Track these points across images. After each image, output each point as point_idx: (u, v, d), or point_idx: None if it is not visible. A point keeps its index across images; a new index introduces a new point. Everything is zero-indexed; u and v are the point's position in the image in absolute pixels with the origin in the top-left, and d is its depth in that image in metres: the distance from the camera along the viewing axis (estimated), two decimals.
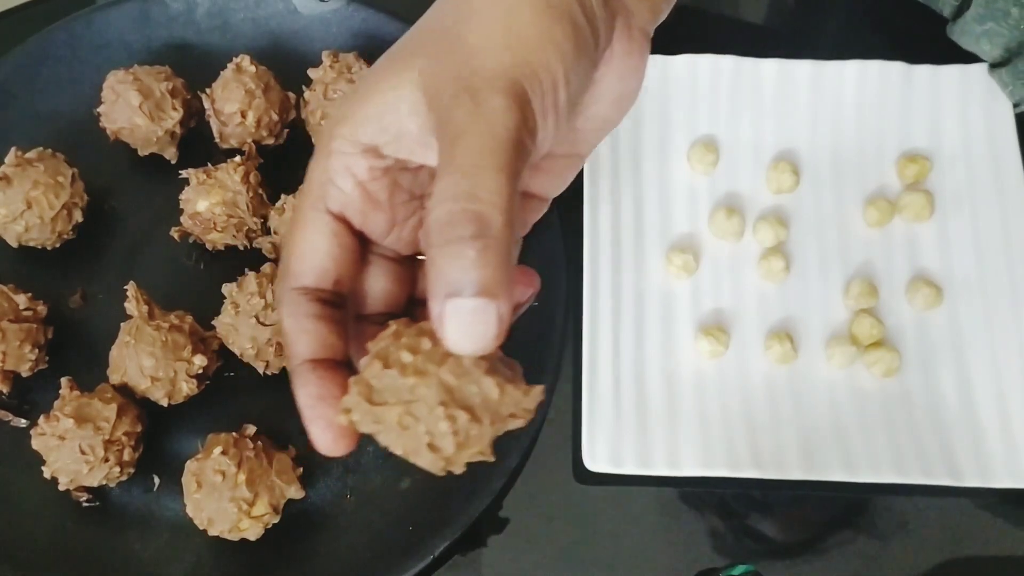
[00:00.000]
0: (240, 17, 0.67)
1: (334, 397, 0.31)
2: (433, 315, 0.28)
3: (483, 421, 0.29)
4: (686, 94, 0.65)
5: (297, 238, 0.34)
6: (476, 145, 0.29)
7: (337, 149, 0.33)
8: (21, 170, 0.59)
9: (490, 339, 0.28)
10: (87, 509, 0.56)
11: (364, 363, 0.31)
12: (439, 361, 0.29)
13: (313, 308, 0.33)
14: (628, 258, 0.61)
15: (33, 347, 0.57)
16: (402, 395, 0.29)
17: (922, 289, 0.60)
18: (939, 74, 0.66)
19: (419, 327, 0.30)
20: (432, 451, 0.29)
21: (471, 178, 0.28)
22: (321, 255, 0.33)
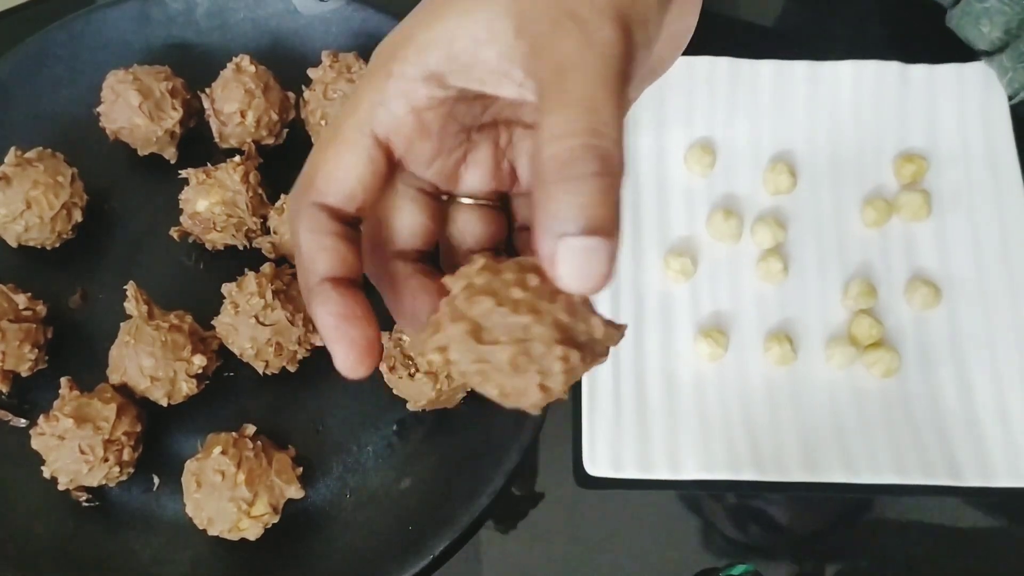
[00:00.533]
0: (240, 17, 0.67)
1: (357, 317, 0.31)
2: (543, 253, 0.27)
3: (587, 360, 0.29)
4: (683, 96, 0.65)
5: (330, 154, 0.32)
6: (591, 77, 0.28)
7: (398, 72, 0.31)
8: (21, 170, 0.59)
9: (604, 278, 0.27)
10: (87, 509, 0.56)
11: (457, 299, 0.29)
12: (550, 298, 0.28)
13: (334, 226, 0.32)
14: (626, 262, 0.61)
15: (33, 347, 0.57)
16: (515, 333, 0.28)
17: (920, 289, 0.60)
18: (935, 73, 0.66)
19: (518, 263, 0.29)
20: (542, 391, 0.28)
21: (591, 113, 0.27)
22: (353, 177, 0.32)
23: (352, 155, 0.32)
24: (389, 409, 0.58)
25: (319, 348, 0.58)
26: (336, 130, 0.32)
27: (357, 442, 0.57)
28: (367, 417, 0.58)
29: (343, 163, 0.32)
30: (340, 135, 0.32)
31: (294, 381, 0.58)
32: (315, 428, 0.58)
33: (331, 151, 0.32)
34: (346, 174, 0.32)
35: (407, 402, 0.56)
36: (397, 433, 0.58)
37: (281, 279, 0.56)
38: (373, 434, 0.58)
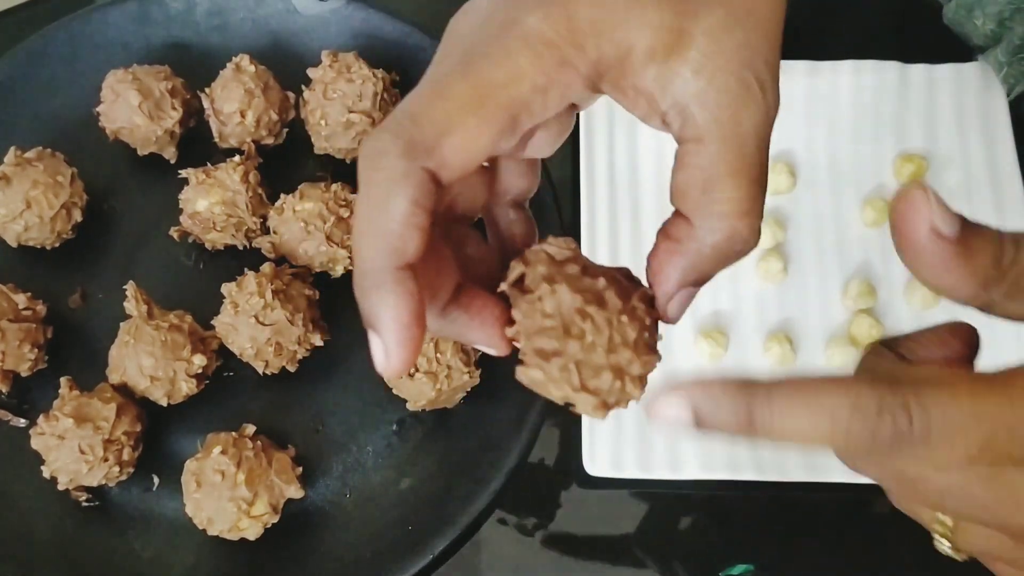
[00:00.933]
0: (239, 17, 0.67)
1: (422, 316, 0.28)
2: (663, 292, 0.31)
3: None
4: None
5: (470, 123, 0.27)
6: (763, 151, 0.29)
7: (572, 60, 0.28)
8: (20, 170, 0.59)
9: None
10: (87, 508, 0.56)
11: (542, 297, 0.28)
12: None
13: (432, 203, 0.27)
14: (626, 261, 0.61)
15: (32, 347, 0.57)
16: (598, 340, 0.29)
17: (920, 288, 0.60)
18: (935, 73, 0.66)
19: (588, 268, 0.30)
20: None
21: (759, 192, 0.29)
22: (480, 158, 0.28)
23: (491, 132, 0.28)
24: (389, 409, 0.58)
25: (319, 348, 0.58)
26: (480, 93, 0.27)
27: (357, 442, 0.57)
28: (367, 417, 0.58)
29: (482, 139, 0.27)
30: (487, 104, 0.27)
31: (294, 381, 0.58)
32: (315, 428, 0.58)
33: (472, 119, 0.27)
34: (476, 154, 0.28)
35: (407, 402, 0.56)
36: (397, 433, 0.58)
37: (281, 279, 0.56)
38: (373, 434, 0.58)
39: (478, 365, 0.55)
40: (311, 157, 0.64)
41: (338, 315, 0.60)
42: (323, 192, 0.59)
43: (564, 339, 0.28)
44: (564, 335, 0.28)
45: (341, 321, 0.60)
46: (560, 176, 0.63)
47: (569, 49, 0.27)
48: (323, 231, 0.58)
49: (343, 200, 0.59)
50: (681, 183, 0.30)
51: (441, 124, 0.27)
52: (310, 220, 0.58)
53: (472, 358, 0.55)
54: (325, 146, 0.63)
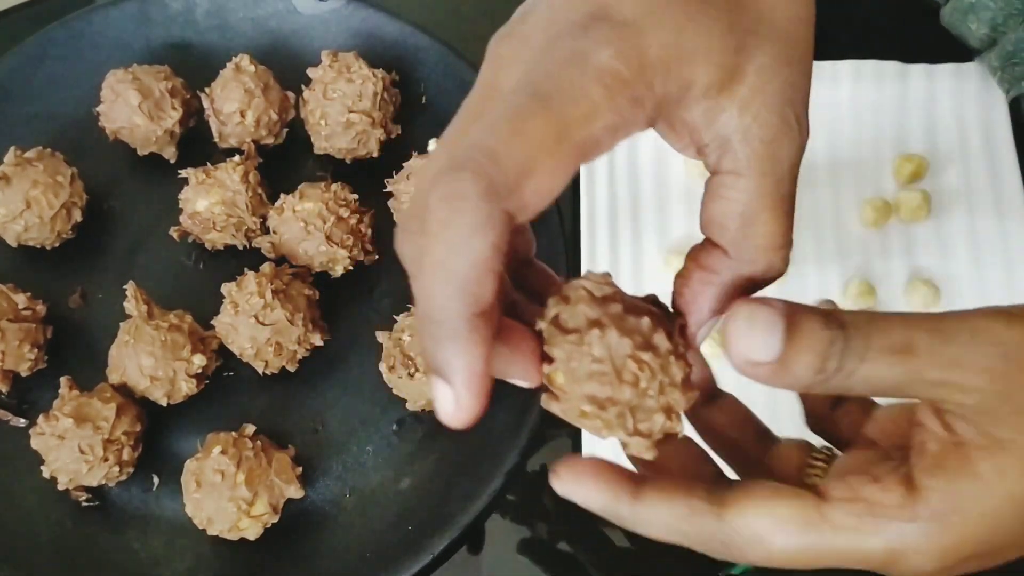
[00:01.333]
0: (239, 16, 0.67)
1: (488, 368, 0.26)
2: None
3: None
4: None
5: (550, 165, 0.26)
6: (791, 186, 0.30)
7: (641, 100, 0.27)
8: (20, 169, 0.59)
9: None
10: (86, 508, 0.56)
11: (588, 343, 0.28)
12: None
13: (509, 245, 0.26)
14: (626, 260, 0.61)
15: (32, 347, 0.57)
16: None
17: (920, 288, 0.60)
18: (934, 73, 0.66)
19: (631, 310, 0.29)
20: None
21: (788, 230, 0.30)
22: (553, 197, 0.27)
23: (567, 172, 0.26)
24: (389, 409, 0.58)
25: (319, 348, 0.58)
26: (559, 131, 0.26)
27: (357, 442, 0.57)
28: (367, 417, 0.58)
29: (558, 180, 0.26)
30: (564, 144, 0.26)
31: (294, 381, 0.58)
32: (315, 428, 0.58)
33: (551, 160, 0.26)
34: (552, 194, 0.26)
35: (407, 402, 0.56)
36: (397, 433, 0.58)
37: (281, 279, 0.56)
38: (373, 434, 0.58)
39: None
40: (311, 157, 0.64)
41: (338, 315, 0.60)
42: (323, 192, 0.59)
43: (618, 385, 0.28)
44: (617, 381, 0.28)
45: (341, 321, 0.60)
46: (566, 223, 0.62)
47: (640, 87, 0.27)
48: (323, 231, 0.58)
49: (343, 200, 0.59)
50: (718, 214, 0.30)
51: (523, 165, 0.25)
52: (310, 220, 0.58)
53: None
54: (325, 146, 0.63)
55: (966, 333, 0.26)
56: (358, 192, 0.60)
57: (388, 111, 0.62)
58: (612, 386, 0.28)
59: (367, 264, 0.61)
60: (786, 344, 0.26)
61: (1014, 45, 0.60)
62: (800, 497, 0.29)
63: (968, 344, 0.26)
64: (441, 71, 0.65)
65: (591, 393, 0.28)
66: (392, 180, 0.60)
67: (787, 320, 0.26)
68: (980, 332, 0.26)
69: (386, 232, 0.62)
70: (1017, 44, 0.60)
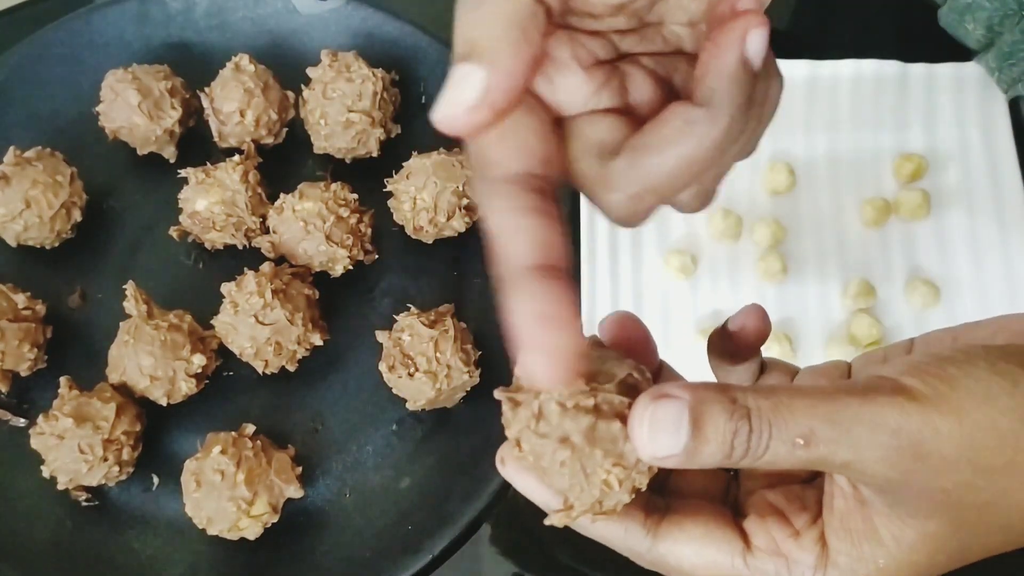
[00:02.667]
0: (239, 16, 0.67)
1: (560, 319, 0.27)
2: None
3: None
4: None
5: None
6: None
7: None
8: (20, 169, 0.59)
9: None
10: (86, 508, 0.56)
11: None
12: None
13: (530, 199, 0.28)
14: (626, 260, 0.61)
15: (32, 346, 0.57)
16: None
17: (920, 288, 0.60)
18: (934, 72, 0.66)
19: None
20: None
21: None
22: (531, 143, 0.29)
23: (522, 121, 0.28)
24: (388, 408, 0.58)
25: (318, 348, 0.58)
26: None
27: (357, 441, 0.57)
28: (367, 417, 0.58)
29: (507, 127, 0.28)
30: None
31: (294, 380, 0.58)
32: (314, 427, 0.58)
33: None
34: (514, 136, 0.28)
35: (407, 401, 0.56)
36: (397, 433, 0.58)
37: (280, 278, 0.56)
38: (373, 434, 0.58)
39: (478, 365, 0.55)
40: (311, 156, 0.64)
41: (338, 315, 0.60)
42: (323, 192, 0.59)
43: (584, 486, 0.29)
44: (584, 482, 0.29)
45: (341, 321, 0.60)
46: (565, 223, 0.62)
47: None
48: (323, 231, 0.58)
49: (342, 200, 0.59)
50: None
51: None
52: (310, 219, 0.58)
53: (472, 358, 0.55)
54: (324, 146, 0.63)
55: (865, 423, 0.27)
56: (358, 192, 0.60)
57: (388, 111, 0.62)
58: (578, 486, 0.29)
59: (367, 264, 0.61)
60: (692, 438, 0.27)
61: (1011, 46, 0.60)
62: (728, 543, 0.31)
63: (866, 435, 0.27)
64: (441, 71, 0.65)
65: (556, 486, 0.29)
66: (392, 180, 0.60)
67: (692, 414, 0.27)
68: (878, 423, 0.27)
69: (386, 232, 0.62)
70: (1014, 45, 0.60)
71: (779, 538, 0.30)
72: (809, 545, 0.30)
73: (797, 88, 0.65)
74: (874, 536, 0.29)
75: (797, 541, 0.30)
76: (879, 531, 0.29)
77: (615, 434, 0.28)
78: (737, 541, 0.31)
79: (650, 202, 0.31)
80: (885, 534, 0.29)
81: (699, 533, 0.31)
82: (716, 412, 0.27)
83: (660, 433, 0.27)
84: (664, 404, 0.27)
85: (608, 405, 0.28)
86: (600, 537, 0.32)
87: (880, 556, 0.29)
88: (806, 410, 0.27)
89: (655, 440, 0.27)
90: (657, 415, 0.27)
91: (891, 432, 0.27)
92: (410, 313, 0.56)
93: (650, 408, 0.27)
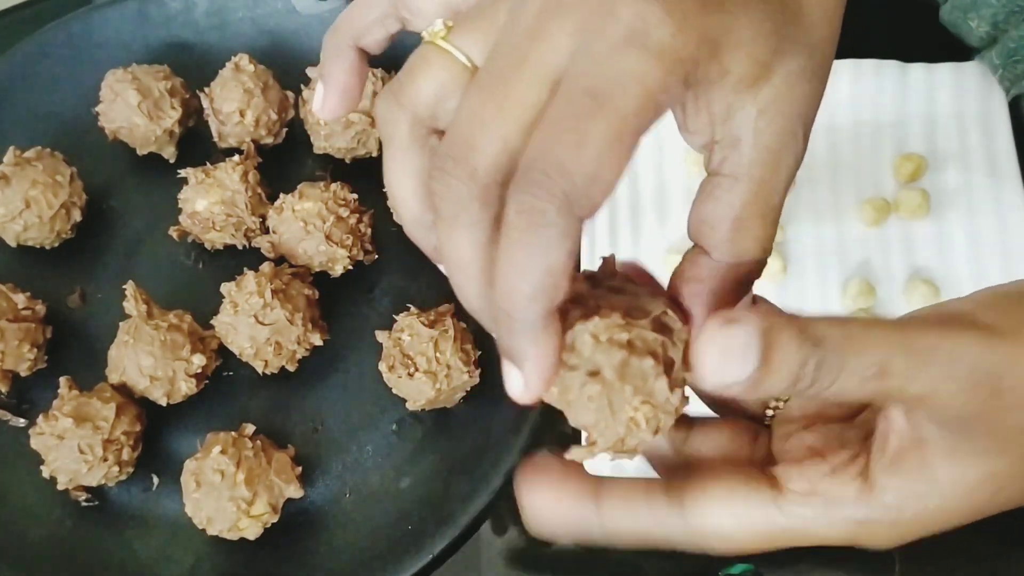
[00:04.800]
0: (239, 16, 0.67)
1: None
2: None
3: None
4: None
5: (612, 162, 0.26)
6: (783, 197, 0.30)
7: None
8: (20, 169, 0.59)
9: None
10: (86, 508, 0.56)
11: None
12: None
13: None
14: (625, 253, 0.61)
15: (32, 346, 0.57)
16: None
17: (920, 288, 0.60)
18: (934, 72, 0.66)
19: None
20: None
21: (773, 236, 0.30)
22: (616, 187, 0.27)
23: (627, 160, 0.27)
24: (388, 408, 0.58)
25: (318, 348, 0.58)
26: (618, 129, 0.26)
27: (356, 441, 0.57)
28: (366, 416, 0.58)
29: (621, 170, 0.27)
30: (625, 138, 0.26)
31: (293, 380, 0.58)
32: (314, 427, 0.58)
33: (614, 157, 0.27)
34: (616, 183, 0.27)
35: (407, 402, 0.56)
36: (396, 432, 0.58)
37: (280, 278, 0.56)
38: (372, 433, 0.58)
39: (478, 365, 0.55)
40: (310, 157, 0.64)
41: (337, 315, 0.60)
42: (322, 192, 0.59)
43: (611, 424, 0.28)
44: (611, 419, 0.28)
45: (341, 321, 0.60)
46: None
47: (690, 65, 0.27)
48: (322, 231, 0.58)
49: (342, 200, 0.59)
50: (709, 216, 0.29)
51: (592, 173, 0.26)
52: (309, 220, 0.58)
53: (472, 358, 0.55)
54: (324, 146, 0.63)
55: (943, 356, 0.26)
56: (358, 192, 0.60)
57: None
58: (603, 422, 0.28)
59: (367, 264, 0.61)
60: (760, 367, 0.26)
61: (1016, 43, 0.60)
62: (758, 492, 0.29)
63: (943, 367, 0.26)
64: None
65: (580, 421, 0.29)
66: None
67: (763, 341, 0.26)
68: (956, 356, 0.26)
69: (386, 232, 0.62)
70: (1020, 41, 0.60)
71: (814, 478, 0.29)
72: (848, 480, 0.29)
73: None
74: (930, 475, 0.28)
75: (835, 478, 0.29)
76: (936, 471, 0.28)
77: (646, 371, 0.28)
78: (766, 490, 0.29)
79: None
80: (942, 474, 0.28)
81: (726, 493, 0.29)
82: (786, 340, 0.26)
83: (729, 360, 0.26)
84: (734, 330, 0.26)
85: (642, 341, 0.28)
86: (632, 533, 0.31)
87: (934, 496, 0.28)
88: (881, 341, 0.26)
89: (722, 367, 0.26)
90: (727, 342, 0.26)
91: (970, 366, 0.26)
92: (410, 313, 0.56)
93: (720, 333, 0.26)
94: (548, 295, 0.27)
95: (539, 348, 0.27)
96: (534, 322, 0.27)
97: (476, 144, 0.28)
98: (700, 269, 0.30)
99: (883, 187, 0.64)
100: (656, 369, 0.28)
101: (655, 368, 0.28)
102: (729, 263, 0.29)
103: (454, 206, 0.29)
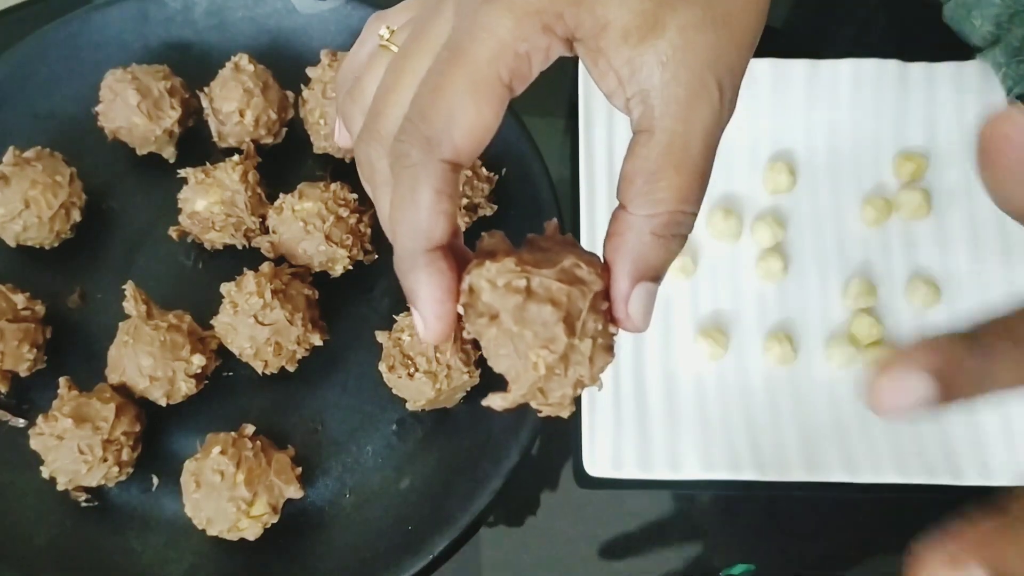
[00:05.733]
0: (238, 16, 0.67)
1: (455, 291, 0.30)
2: (619, 292, 0.31)
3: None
4: None
5: (470, 105, 0.29)
6: (708, 151, 0.30)
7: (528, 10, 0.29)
8: (19, 169, 0.58)
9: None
10: (86, 509, 0.56)
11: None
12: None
13: (455, 186, 0.30)
14: None
15: (31, 347, 0.57)
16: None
17: (920, 287, 0.60)
18: (934, 72, 0.66)
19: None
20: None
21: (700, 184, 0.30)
22: (489, 134, 0.30)
23: (493, 107, 0.30)
24: (388, 409, 0.58)
25: (318, 348, 0.58)
26: (473, 76, 0.29)
27: (356, 442, 0.57)
28: (366, 417, 0.58)
29: (486, 117, 0.30)
30: (482, 85, 0.29)
31: (293, 381, 0.58)
32: (314, 428, 0.58)
33: (472, 103, 0.29)
34: (485, 131, 0.30)
35: (406, 402, 0.56)
36: (396, 433, 0.58)
37: (280, 278, 0.56)
38: (372, 434, 0.58)
39: (478, 365, 0.55)
40: (310, 156, 0.64)
41: (338, 315, 0.60)
42: (322, 192, 0.59)
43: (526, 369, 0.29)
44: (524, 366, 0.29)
45: (341, 321, 0.60)
46: (560, 176, 0.63)
47: (550, 17, 0.29)
48: (322, 231, 0.57)
49: (342, 200, 0.59)
50: (628, 172, 0.31)
51: (447, 116, 0.29)
52: (309, 220, 0.58)
53: (472, 358, 0.55)
54: (324, 145, 0.63)
55: None
56: (357, 191, 0.60)
57: None
58: (516, 370, 0.29)
59: (366, 264, 0.61)
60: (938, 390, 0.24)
61: (1021, 41, 0.60)
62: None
63: None
64: None
65: (499, 368, 0.30)
66: None
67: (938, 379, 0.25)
68: None
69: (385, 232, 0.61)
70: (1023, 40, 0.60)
71: None
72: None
73: (797, 88, 0.65)
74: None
75: None
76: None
77: (546, 318, 0.28)
78: None
79: None
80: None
81: None
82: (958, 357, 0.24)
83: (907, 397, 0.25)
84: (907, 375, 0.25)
85: (544, 290, 0.29)
86: None
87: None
88: None
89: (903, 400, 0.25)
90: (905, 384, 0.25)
91: None
92: (409, 313, 0.56)
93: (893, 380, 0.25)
94: (422, 231, 0.30)
95: (426, 287, 0.30)
96: (415, 258, 0.30)
97: (380, 111, 0.32)
98: (619, 224, 0.31)
99: (884, 187, 0.64)
100: (556, 315, 0.28)
101: (554, 314, 0.28)
102: (645, 215, 0.30)
103: (369, 169, 0.33)
